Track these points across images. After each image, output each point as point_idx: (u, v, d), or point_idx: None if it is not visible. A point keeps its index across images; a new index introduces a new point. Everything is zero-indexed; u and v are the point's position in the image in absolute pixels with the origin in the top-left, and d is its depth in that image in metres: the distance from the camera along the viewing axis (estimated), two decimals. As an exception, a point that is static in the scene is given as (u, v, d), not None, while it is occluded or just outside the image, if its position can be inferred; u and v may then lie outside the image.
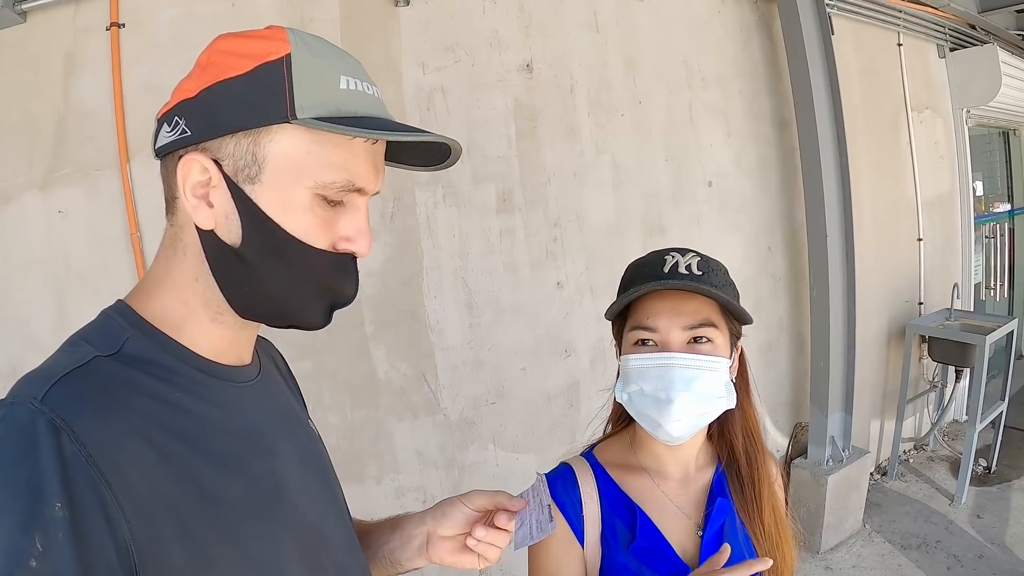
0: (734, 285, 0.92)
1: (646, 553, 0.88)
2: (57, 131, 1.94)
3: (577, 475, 0.95)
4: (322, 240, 0.59)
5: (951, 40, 3.98)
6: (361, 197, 0.61)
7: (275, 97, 0.54)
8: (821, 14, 2.82)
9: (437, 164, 0.68)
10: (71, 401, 0.49)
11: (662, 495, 0.93)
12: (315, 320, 0.63)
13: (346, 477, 0.80)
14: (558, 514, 0.91)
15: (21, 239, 1.95)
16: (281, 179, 0.56)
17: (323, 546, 0.67)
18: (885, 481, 3.52)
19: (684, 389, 0.84)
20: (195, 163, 0.56)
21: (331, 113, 0.55)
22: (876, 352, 3.54)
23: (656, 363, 0.86)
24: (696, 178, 2.78)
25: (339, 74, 0.57)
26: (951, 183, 4.00)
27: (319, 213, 0.58)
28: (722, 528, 0.90)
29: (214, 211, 0.57)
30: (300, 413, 0.79)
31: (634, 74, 2.61)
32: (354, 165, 0.58)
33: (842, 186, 2.86)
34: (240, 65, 0.55)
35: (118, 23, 1.94)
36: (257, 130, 0.55)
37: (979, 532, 2.98)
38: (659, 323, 0.87)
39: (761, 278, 3.01)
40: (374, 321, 2.23)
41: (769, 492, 0.93)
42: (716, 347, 0.87)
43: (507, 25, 2.37)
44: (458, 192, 2.30)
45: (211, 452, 0.57)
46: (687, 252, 0.90)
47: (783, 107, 3.00)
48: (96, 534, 0.46)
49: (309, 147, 0.56)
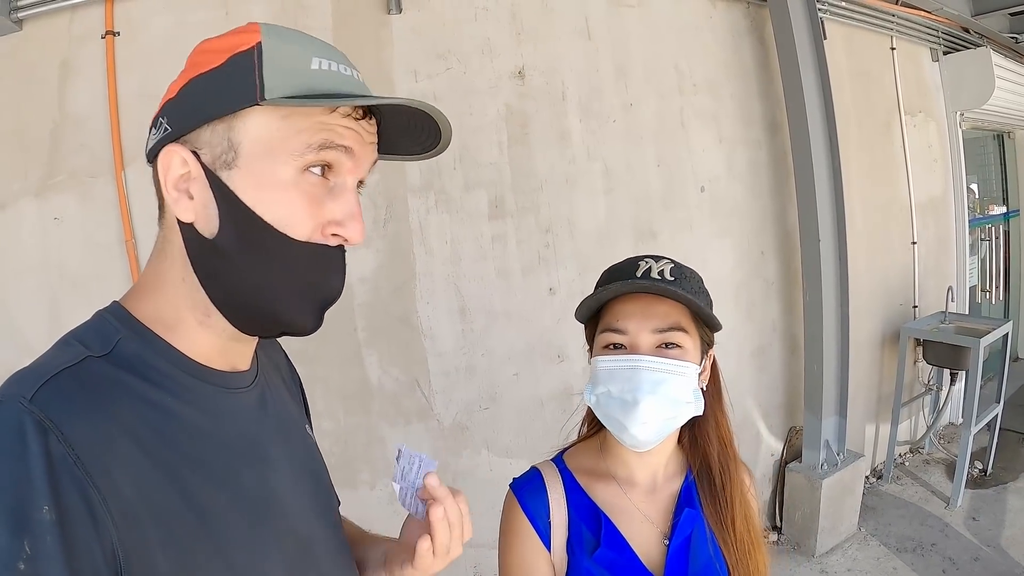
0: (708, 294, 0.92)
1: (611, 561, 0.88)
2: (52, 138, 1.96)
3: (545, 480, 0.95)
4: (307, 225, 0.57)
5: (944, 43, 3.99)
6: (350, 176, 0.59)
7: (246, 83, 0.54)
8: (813, 18, 2.83)
9: (430, 149, 0.66)
10: (60, 401, 0.48)
11: (629, 503, 0.93)
12: (303, 320, 0.60)
13: (339, 483, 0.80)
14: (524, 521, 0.92)
15: (16, 245, 1.96)
16: (257, 161, 0.55)
17: (312, 558, 0.66)
18: (880, 484, 3.52)
19: (651, 392, 0.84)
20: (174, 155, 0.56)
21: (302, 92, 0.55)
22: (870, 355, 3.54)
23: (624, 365, 0.86)
24: (687, 183, 2.79)
25: (311, 55, 0.56)
26: (945, 186, 4.00)
27: (306, 190, 0.56)
28: (690, 538, 0.90)
29: (194, 203, 0.56)
30: (299, 421, 0.77)
31: (625, 80, 2.62)
32: (331, 129, 0.57)
33: (834, 189, 2.86)
34: (215, 60, 0.56)
35: (113, 31, 1.97)
36: (231, 116, 0.55)
37: (975, 535, 2.98)
38: (629, 325, 0.87)
39: (754, 282, 3.02)
40: (366, 327, 2.24)
41: (741, 501, 0.93)
42: (685, 352, 0.87)
43: (499, 32, 2.38)
44: (450, 198, 2.31)
45: (199, 460, 0.56)
46: (661, 259, 0.91)
47: (775, 111, 3.01)
48: (84, 538, 0.46)
49: (279, 125, 0.55)
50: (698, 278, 0.92)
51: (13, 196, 1.95)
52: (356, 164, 0.59)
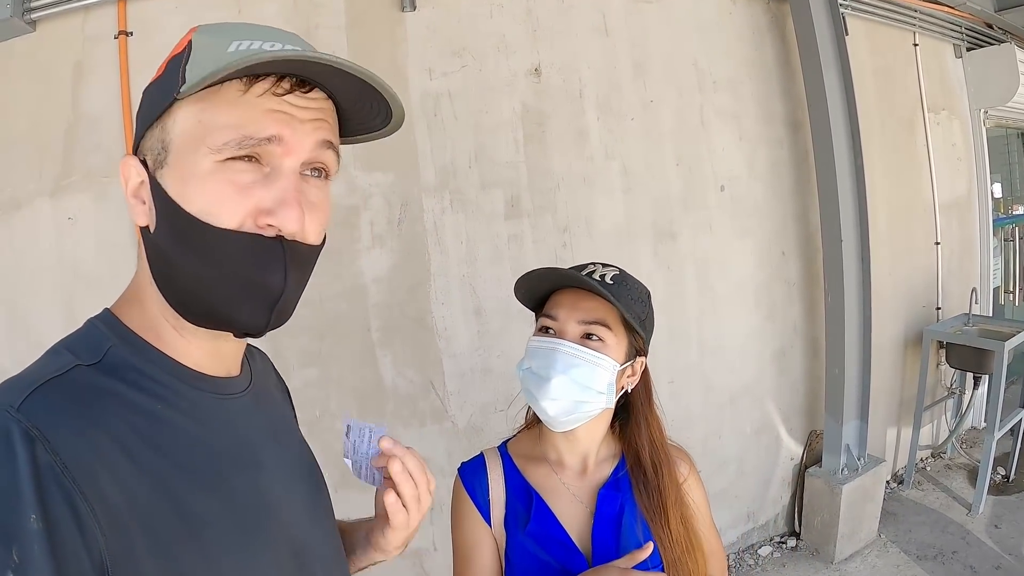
0: (648, 306, 1.02)
1: (541, 535, 0.98)
2: (66, 139, 1.96)
3: (487, 463, 1.07)
4: (235, 214, 0.53)
5: (968, 39, 3.91)
6: (286, 159, 0.55)
7: (172, 82, 0.54)
8: (835, 14, 2.78)
9: (383, 126, 0.63)
10: (48, 410, 0.48)
11: (559, 483, 1.03)
12: (247, 317, 0.57)
13: (352, 484, 0.79)
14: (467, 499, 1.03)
15: (31, 245, 1.96)
16: (181, 156, 0.54)
17: (306, 563, 0.65)
18: (901, 490, 3.46)
19: (562, 372, 0.94)
20: (128, 167, 0.58)
21: (208, 78, 0.51)
22: (892, 358, 3.47)
23: (546, 346, 0.97)
24: (707, 182, 2.74)
25: (231, 40, 0.53)
26: (969, 185, 3.91)
27: (230, 177, 0.53)
28: (619, 520, 0.98)
29: (146, 207, 0.57)
30: (292, 425, 0.77)
31: (643, 77, 2.58)
32: (251, 118, 0.53)
33: (857, 189, 2.81)
34: (160, 70, 0.57)
35: (126, 31, 1.96)
36: (163, 118, 0.55)
37: (996, 542, 2.91)
38: (559, 314, 0.98)
39: (775, 283, 2.96)
40: (381, 328, 2.22)
41: (677, 500, 1.00)
42: (605, 347, 0.96)
43: (514, 29, 2.35)
44: (466, 198, 2.29)
45: (190, 467, 0.55)
46: (609, 266, 1.00)
47: (796, 109, 2.95)
48: (71, 547, 0.45)
49: (199, 116, 0.54)
50: (641, 289, 1.02)
51: (28, 196, 1.94)
52: (289, 147, 0.55)
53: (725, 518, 2.93)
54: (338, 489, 2.04)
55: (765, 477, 3.06)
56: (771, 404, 3.02)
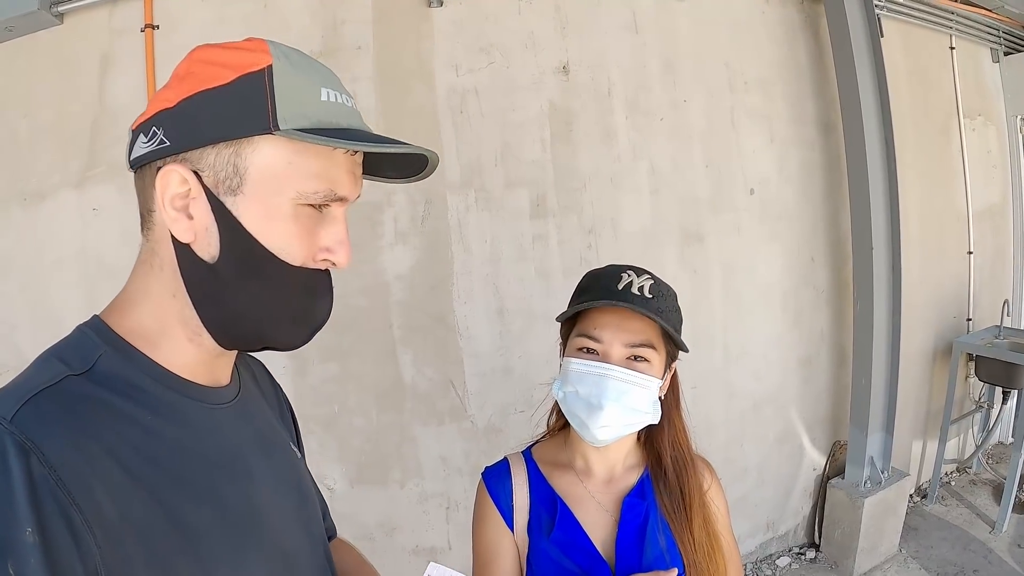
0: (680, 311, 1.00)
1: (565, 542, 0.97)
2: (92, 131, 1.96)
3: (512, 469, 1.06)
4: (300, 254, 0.58)
5: (1005, 44, 3.80)
6: (340, 207, 0.61)
7: (257, 108, 0.53)
8: (869, 15, 2.70)
9: (413, 176, 0.68)
10: (41, 422, 0.48)
11: (585, 491, 1.02)
12: (292, 339, 0.63)
13: (369, 480, 0.78)
14: (491, 504, 1.02)
15: (55, 236, 1.97)
16: (263, 190, 0.55)
17: (296, 573, 0.66)
18: (925, 504, 3.38)
19: (615, 400, 0.92)
20: (174, 174, 0.55)
21: (313, 125, 0.55)
22: (920, 369, 3.39)
23: (595, 371, 0.94)
24: (737, 184, 2.68)
25: (320, 86, 0.57)
26: (1003, 194, 3.81)
27: (303, 222, 0.58)
28: (643, 528, 0.97)
29: (193, 223, 0.56)
30: (281, 435, 0.77)
31: (673, 76, 2.52)
32: (334, 174, 0.58)
33: (890, 194, 2.73)
34: (221, 75, 0.54)
35: (152, 24, 1.95)
36: (238, 141, 0.54)
37: (1018, 563, 2.84)
38: (604, 335, 0.94)
39: (802, 289, 2.90)
40: (402, 325, 2.20)
41: (699, 502, 0.99)
42: (651, 367, 0.95)
43: (542, 26, 2.31)
44: (490, 196, 2.25)
45: (182, 476, 0.56)
46: (643, 273, 0.97)
47: (829, 110, 2.88)
48: (67, 559, 0.46)
49: (291, 158, 0.55)
50: (673, 295, 0.99)
51: (53, 187, 1.95)
52: (349, 197, 0.62)
53: (744, 527, 2.87)
54: (354, 485, 2.03)
55: (786, 486, 3.00)
56: (794, 412, 2.96)
